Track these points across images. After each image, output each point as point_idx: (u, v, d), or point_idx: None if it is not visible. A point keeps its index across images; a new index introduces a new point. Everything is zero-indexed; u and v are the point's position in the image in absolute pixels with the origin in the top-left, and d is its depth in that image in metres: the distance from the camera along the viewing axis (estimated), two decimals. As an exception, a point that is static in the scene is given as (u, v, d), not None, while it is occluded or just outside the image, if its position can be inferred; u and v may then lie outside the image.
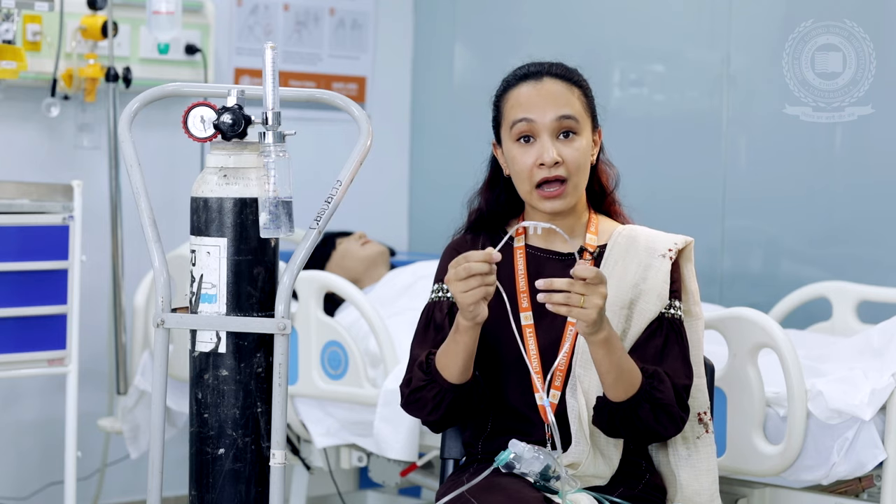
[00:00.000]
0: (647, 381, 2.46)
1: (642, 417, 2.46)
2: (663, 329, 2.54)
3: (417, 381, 2.54)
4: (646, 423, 2.46)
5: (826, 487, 3.00)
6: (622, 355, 2.44)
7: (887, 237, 3.93)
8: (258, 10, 4.84)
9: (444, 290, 2.62)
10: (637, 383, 2.45)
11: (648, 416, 2.46)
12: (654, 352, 2.52)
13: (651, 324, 2.53)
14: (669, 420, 2.48)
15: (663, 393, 2.46)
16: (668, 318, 2.55)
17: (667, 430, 2.50)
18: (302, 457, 3.85)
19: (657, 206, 4.13)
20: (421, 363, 2.54)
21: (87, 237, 3.81)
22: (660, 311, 2.54)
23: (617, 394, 2.45)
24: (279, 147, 2.38)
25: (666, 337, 2.53)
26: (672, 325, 2.55)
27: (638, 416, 2.46)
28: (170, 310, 2.46)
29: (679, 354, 2.53)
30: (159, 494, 2.47)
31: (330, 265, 4.32)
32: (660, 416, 2.47)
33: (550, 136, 2.54)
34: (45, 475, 4.38)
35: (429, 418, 2.57)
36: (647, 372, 2.47)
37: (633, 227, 2.64)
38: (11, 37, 3.90)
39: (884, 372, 2.90)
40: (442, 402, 2.51)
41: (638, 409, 2.45)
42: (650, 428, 2.47)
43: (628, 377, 2.45)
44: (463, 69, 5.15)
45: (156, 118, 4.06)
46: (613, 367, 2.43)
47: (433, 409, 2.53)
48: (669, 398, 2.47)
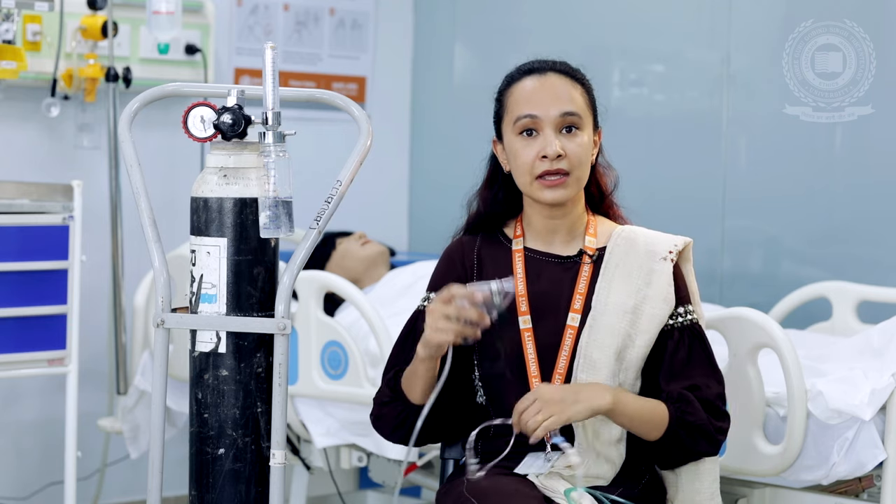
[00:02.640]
0: (674, 408, 2.49)
1: (682, 443, 2.51)
2: (685, 340, 2.55)
3: (383, 395, 2.58)
4: (686, 445, 2.51)
5: (826, 487, 3.00)
6: (636, 407, 2.48)
7: (887, 237, 3.93)
8: (258, 10, 4.84)
9: (431, 300, 2.61)
10: (665, 417, 2.49)
11: (687, 440, 2.50)
12: (681, 365, 2.53)
13: (670, 333, 2.54)
14: (705, 439, 2.52)
15: (694, 415, 2.50)
16: (686, 325, 2.56)
17: (705, 450, 2.54)
18: (302, 457, 3.85)
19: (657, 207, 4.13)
20: (389, 380, 2.57)
21: (87, 237, 3.81)
22: (668, 313, 2.54)
23: (651, 436, 2.50)
24: (279, 147, 2.38)
25: (689, 347, 2.55)
26: (692, 332, 2.56)
27: (677, 443, 2.50)
28: (170, 310, 2.46)
29: (705, 361, 2.56)
30: (159, 494, 2.47)
31: (330, 265, 4.31)
32: (696, 438, 2.51)
33: (554, 130, 2.54)
34: (45, 475, 4.37)
35: (391, 437, 2.59)
36: (672, 398, 2.50)
37: (631, 228, 2.64)
38: (11, 37, 3.90)
39: (884, 372, 2.90)
40: (405, 421, 2.53)
41: (675, 438, 2.50)
42: (690, 450, 2.53)
43: (654, 418, 2.49)
44: (463, 69, 5.15)
45: (156, 118, 4.06)
46: (636, 421, 2.48)
47: (396, 427, 2.56)
48: (701, 418, 2.50)
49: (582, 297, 2.56)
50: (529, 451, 2.56)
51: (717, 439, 2.53)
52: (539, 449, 2.54)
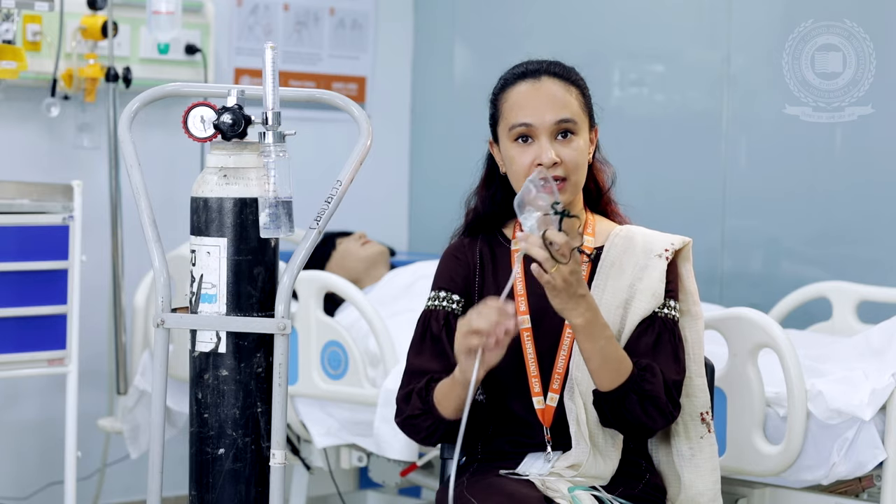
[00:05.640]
0: (637, 373, 2.46)
1: (629, 408, 2.46)
2: (655, 327, 2.54)
3: (414, 408, 2.55)
4: (633, 414, 2.46)
5: (826, 487, 3.00)
6: (606, 344, 2.44)
7: (887, 237, 3.93)
8: (258, 10, 4.84)
9: (440, 298, 2.61)
10: (625, 374, 2.45)
11: (636, 407, 2.46)
12: (645, 349, 2.51)
13: (643, 321, 2.53)
14: (658, 412, 2.48)
15: (653, 385, 2.46)
16: (661, 316, 2.54)
17: (655, 423, 2.49)
18: (302, 457, 3.85)
19: (657, 206, 4.14)
20: (420, 390, 2.54)
21: (87, 237, 3.81)
22: (654, 309, 2.54)
23: (601, 382, 2.46)
24: (279, 147, 2.38)
25: (658, 334, 2.53)
26: (665, 324, 2.54)
27: (626, 406, 2.46)
28: (170, 310, 2.46)
29: (670, 352, 2.53)
30: (159, 494, 2.47)
31: (330, 265, 4.32)
32: (647, 407, 2.46)
33: (549, 137, 2.54)
34: (45, 475, 4.38)
35: (422, 443, 2.61)
36: (639, 365, 2.48)
37: (630, 228, 2.64)
38: (11, 37, 3.90)
39: (884, 372, 2.90)
40: (436, 431, 2.53)
41: (626, 399, 2.45)
42: (638, 419, 2.47)
43: (614, 366, 2.45)
44: (463, 69, 5.15)
45: (156, 118, 4.06)
46: (595, 353, 2.43)
47: (427, 436, 2.56)
48: (658, 390, 2.47)
49: (580, 298, 2.55)
50: (530, 451, 2.56)
51: (667, 418, 2.50)
52: (539, 450, 2.55)
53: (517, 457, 2.56)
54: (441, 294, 2.61)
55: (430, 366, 2.55)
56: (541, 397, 2.55)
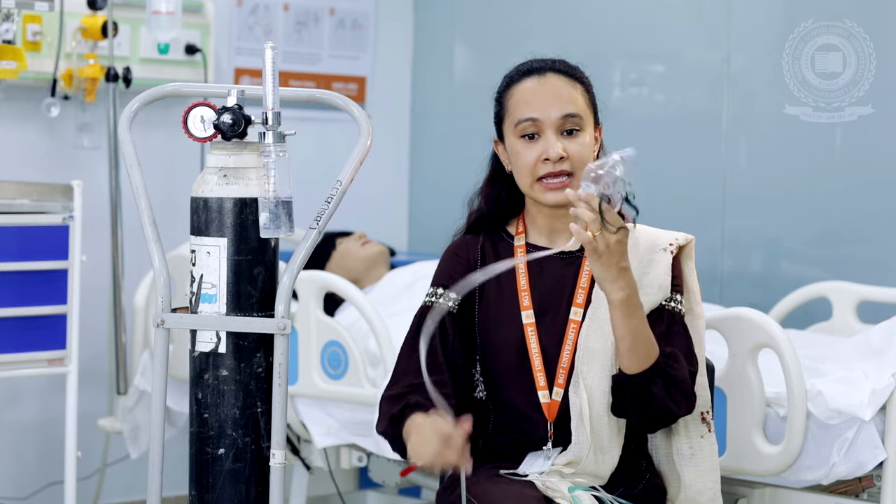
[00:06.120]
0: (662, 358, 2.45)
1: (655, 394, 2.44)
2: (664, 319, 2.53)
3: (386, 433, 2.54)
4: (658, 400, 2.44)
5: (826, 487, 3.00)
6: (640, 324, 2.42)
7: (887, 237, 3.93)
8: (258, 10, 4.84)
9: (438, 295, 2.62)
10: (653, 358, 2.44)
11: (662, 392, 2.44)
12: (659, 339, 2.50)
13: (651, 313, 2.52)
14: (683, 397, 2.46)
15: (677, 371, 2.46)
16: (668, 309, 2.54)
17: (680, 408, 2.47)
18: (302, 457, 3.85)
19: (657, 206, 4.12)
20: (394, 416, 2.52)
21: (87, 237, 3.81)
22: (661, 301, 2.54)
23: (630, 364, 2.43)
24: (279, 147, 2.38)
25: (668, 326, 2.53)
26: (673, 317, 2.54)
27: (651, 392, 2.44)
28: (170, 310, 2.46)
29: (683, 344, 2.53)
30: (159, 494, 2.47)
31: (330, 265, 4.32)
32: (673, 392, 2.45)
33: (555, 132, 2.55)
34: (45, 475, 4.38)
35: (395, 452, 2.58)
36: (663, 351, 2.47)
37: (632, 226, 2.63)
38: (11, 37, 3.90)
39: (884, 372, 2.90)
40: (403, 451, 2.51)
41: (651, 384, 2.43)
42: (663, 406, 2.45)
43: (644, 349, 2.43)
44: (463, 69, 5.15)
45: (156, 118, 4.06)
46: (629, 332, 2.41)
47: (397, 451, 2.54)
48: (684, 375, 2.46)
49: (584, 292, 2.56)
50: (530, 451, 2.56)
51: (691, 403, 2.49)
52: (539, 447, 2.55)
53: (518, 456, 2.56)
54: (439, 291, 2.61)
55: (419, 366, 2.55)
56: (546, 391, 2.54)
